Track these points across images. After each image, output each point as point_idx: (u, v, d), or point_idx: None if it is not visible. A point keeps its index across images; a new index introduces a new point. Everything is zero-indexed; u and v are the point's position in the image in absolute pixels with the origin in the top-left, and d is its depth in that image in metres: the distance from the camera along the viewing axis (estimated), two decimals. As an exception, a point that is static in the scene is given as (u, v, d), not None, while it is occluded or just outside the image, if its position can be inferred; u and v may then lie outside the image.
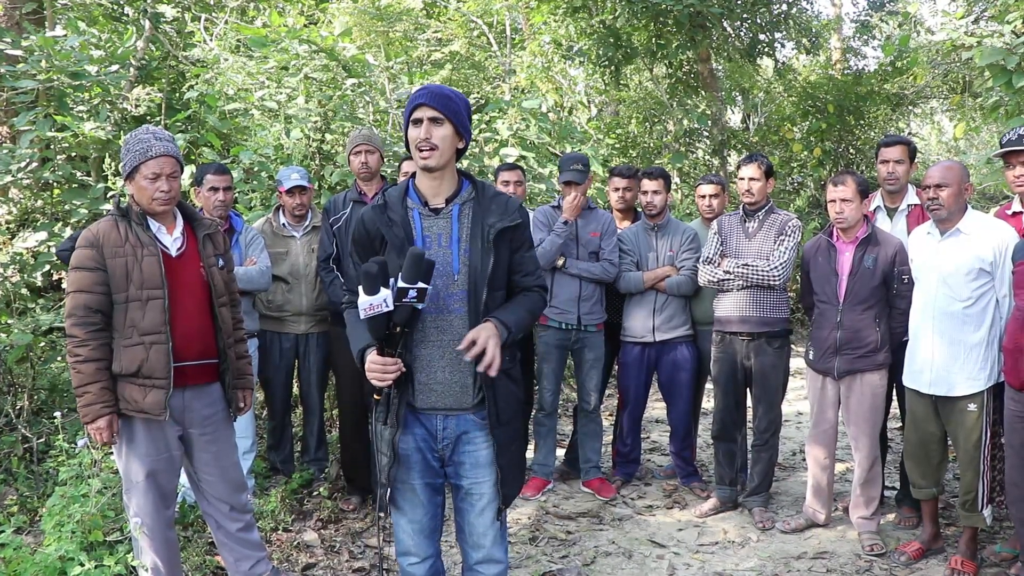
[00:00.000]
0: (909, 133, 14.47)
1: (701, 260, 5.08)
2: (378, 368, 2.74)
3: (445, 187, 2.92)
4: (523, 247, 2.99)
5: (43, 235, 5.71)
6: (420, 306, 2.71)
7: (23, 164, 5.91)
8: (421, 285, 2.66)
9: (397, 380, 2.81)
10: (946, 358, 4.14)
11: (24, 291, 5.63)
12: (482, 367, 2.74)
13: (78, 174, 6.42)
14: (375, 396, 2.85)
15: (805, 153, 12.52)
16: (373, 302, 2.65)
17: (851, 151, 12.75)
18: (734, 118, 14.62)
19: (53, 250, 5.49)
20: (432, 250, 2.85)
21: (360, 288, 2.68)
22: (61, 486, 3.88)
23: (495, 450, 2.92)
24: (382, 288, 2.66)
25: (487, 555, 3.00)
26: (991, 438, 4.15)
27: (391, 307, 2.67)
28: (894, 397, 4.87)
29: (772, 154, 12.33)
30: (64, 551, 3.52)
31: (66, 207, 6.16)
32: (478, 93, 11.82)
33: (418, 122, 2.82)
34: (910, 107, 13.55)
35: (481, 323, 2.80)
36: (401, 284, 2.65)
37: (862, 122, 12.70)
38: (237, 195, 5.99)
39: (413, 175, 2.99)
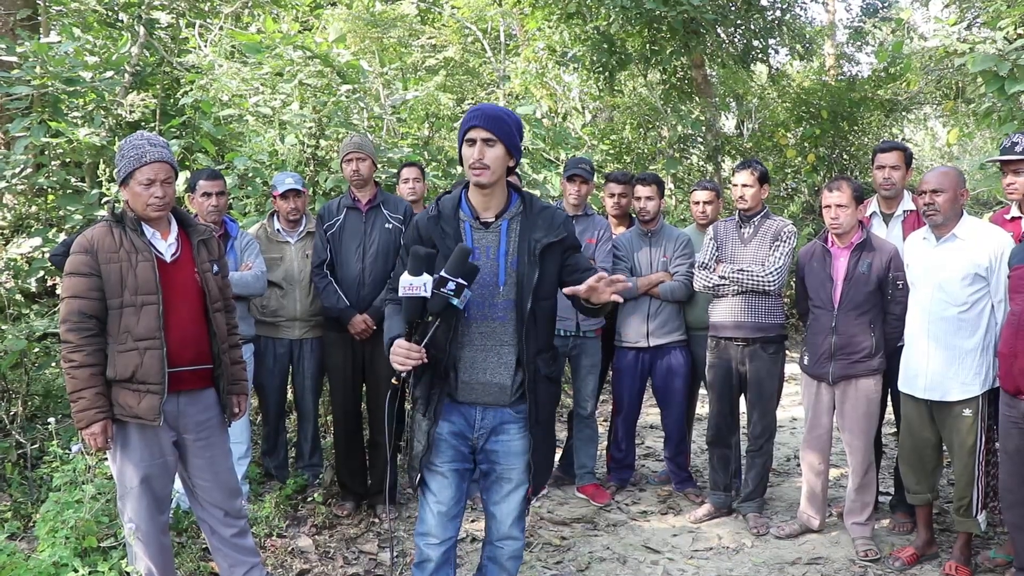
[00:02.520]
0: (903, 139, 14.51)
1: (697, 265, 5.09)
2: (401, 352, 2.88)
3: (495, 201, 3.10)
4: (571, 252, 3.16)
5: (37, 241, 5.71)
6: (455, 302, 2.84)
7: (18, 170, 5.91)
8: (461, 281, 2.81)
9: (439, 378, 3.01)
10: (941, 363, 4.15)
11: (18, 297, 5.62)
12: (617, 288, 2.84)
13: (72, 180, 6.41)
14: (393, 380, 2.96)
15: (799, 159, 12.55)
16: (414, 283, 2.83)
17: (845, 157, 12.78)
18: (728, 124, 14.64)
19: (47, 256, 5.48)
20: (480, 261, 3.02)
21: (405, 270, 2.87)
22: (55, 492, 3.86)
23: (531, 446, 3.14)
24: (425, 273, 2.83)
25: (507, 533, 3.26)
26: (986, 443, 4.17)
27: (428, 293, 2.81)
28: (889, 402, 4.88)
29: (766, 160, 12.34)
30: (58, 557, 3.51)
31: (60, 213, 6.16)
32: (472, 99, 11.83)
33: (472, 142, 2.98)
34: (903, 113, 13.58)
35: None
36: (442, 274, 2.80)
37: (856, 128, 12.73)
38: (232, 201, 5.98)
39: (466, 186, 3.13)
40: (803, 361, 4.80)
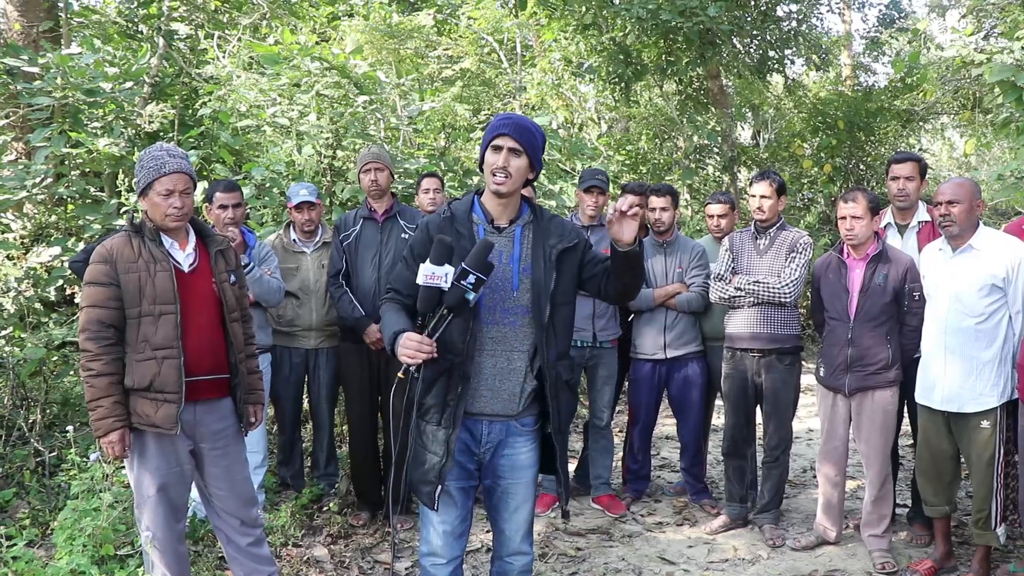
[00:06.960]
0: (920, 149, 14.43)
1: (712, 277, 5.08)
2: (413, 344, 2.84)
3: (510, 209, 3.11)
4: (587, 252, 3.20)
5: (57, 250, 5.76)
6: (471, 296, 2.82)
7: (38, 180, 5.97)
8: (481, 275, 2.80)
9: (455, 383, 2.96)
10: (958, 375, 4.13)
11: (38, 305, 5.67)
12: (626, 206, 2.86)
13: (92, 190, 6.48)
14: (400, 375, 2.90)
15: (815, 169, 12.51)
16: (436, 271, 2.82)
17: (861, 167, 12.72)
18: (744, 134, 14.62)
19: (67, 265, 5.54)
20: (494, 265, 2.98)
21: (427, 260, 2.85)
22: (73, 500, 3.90)
23: (555, 455, 3.12)
24: (447, 264, 2.83)
25: (518, 548, 3.22)
26: (1004, 455, 4.14)
27: (448, 284, 2.80)
28: (905, 414, 4.85)
29: (782, 170, 12.30)
30: (75, 564, 3.54)
31: (80, 222, 6.22)
32: (488, 110, 11.87)
33: (498, 149, 2.99)
34: (920, 123, 13.51)
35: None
36: (464, 266, 2.79)
37: (872, 138, 12.68)
38: (249, 211, 6.02)
39: (478, 192, 3.15)
40: (819, 372, 4.78)
